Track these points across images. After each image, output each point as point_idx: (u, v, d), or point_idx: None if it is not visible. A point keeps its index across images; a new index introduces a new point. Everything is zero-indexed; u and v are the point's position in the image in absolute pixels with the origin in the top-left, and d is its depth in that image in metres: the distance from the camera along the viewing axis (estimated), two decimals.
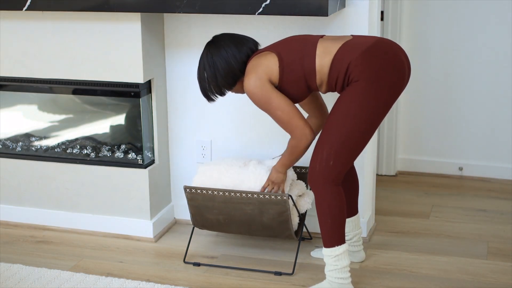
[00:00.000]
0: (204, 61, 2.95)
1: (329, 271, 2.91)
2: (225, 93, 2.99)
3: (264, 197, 3.05)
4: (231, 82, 2.95)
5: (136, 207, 3.55)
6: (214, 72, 2.92)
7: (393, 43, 2.88)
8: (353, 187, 3.11)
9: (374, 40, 2.83)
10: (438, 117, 4.31)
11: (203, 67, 2.95)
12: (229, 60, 2.91)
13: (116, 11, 3.24)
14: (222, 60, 2.91)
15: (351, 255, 3.19)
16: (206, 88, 2.97)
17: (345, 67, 2.76)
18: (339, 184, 2.84)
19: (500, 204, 3.91)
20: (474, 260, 3.27)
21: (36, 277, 3.15)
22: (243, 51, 2.94)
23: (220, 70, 2.91)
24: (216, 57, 2.91)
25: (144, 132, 3.51)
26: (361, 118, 2.77)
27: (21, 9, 3.34)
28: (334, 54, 2.79)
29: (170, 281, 3.12)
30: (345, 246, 2.89)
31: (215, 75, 2.92)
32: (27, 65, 3.53)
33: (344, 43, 2.81)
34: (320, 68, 2.81)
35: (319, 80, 2.84)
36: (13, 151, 3.71)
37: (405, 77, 2.85)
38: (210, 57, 2.92)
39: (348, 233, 3.15)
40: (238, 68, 2.92)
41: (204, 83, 2.97)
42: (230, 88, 2.97)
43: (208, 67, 2.93)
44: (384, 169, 4.38)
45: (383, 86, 2.77)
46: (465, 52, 4.18)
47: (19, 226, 3.73)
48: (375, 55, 2.78)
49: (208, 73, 2.93)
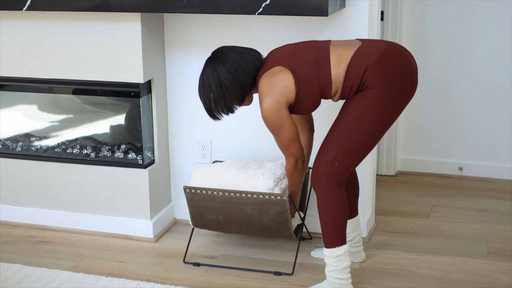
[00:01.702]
0: (209, 78, 2.78)
1: (329, 271, 2.91)
2: (234, 111, 2.86)
3: (264, 197, 3.05)
4: (240, 98, 2.82)
5: (136, 207, 3.55)
6: (221, 90, 2.77)
7: (403, 47, 2.87)
8: (353, 188, 3.11)
9: (385, 46, 2.79)
10: (438, 117, 4.31)
11: (208, 85, 2.78)
12: (237, 75, 2.77)
13: (116, 11, 3.24)
14: (229, 75, 2.76)
15: (352, 255, 3.19)
16: (212, 107, 2.82)
17: (361, 75, 2.73)
18: (342, 185, 2.84)
19: (500, 204, 3.91)
20: (474, 260, 3.27)
21: (36, 277, 3.15)
22: (251, 64, 2.80)
23: (228, 86, 2.77)
24: (222, 72, 2.76)
25: (144, 132, 3.51)
26: (372, 124, 2.76)
27: (21, 9, 3.34)
28: (348, 63, 2.75)
29: (170, 281, 3.12)
30: (346, 247, 2.88)
31: (222, 93, 2.78)
32: (27, 65, 3.53)
33: (357, 50, 2.77)
34: (335, 79, 2.76)
35: (334, 90, 2.80)
36: (13, 151, 3.71)
37: (416, 82, 2.86)
38: (215, 73, 2.76)
39: (349, 234, 3.15)
40: (247, 82, 2.80)
41: (210, 102, 2.81)
42: (239, 104, 2.85)
43: (214, 85, 2.77)
44: (384, 169, 4.38)
45: (396, 93, 2.77)
46: (465, 52, 4.18)
47: (19, 226, 3.73)
48: (390, 61, 2.76)
49: (214, 91, 2.78)
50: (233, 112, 2.88)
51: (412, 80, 2.83)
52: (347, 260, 2.89)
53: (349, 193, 3.06)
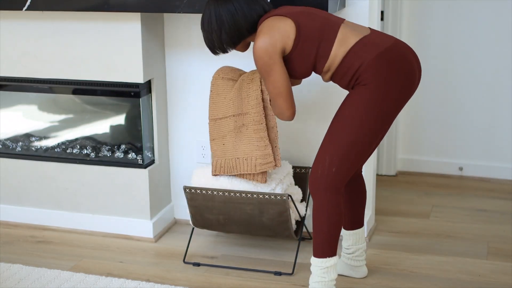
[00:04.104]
0: (211, 12, 2.76)
1: (314, 282, 2.80)
2: (227, 51, 2.84)
3: (264, 197, 3.05)
4: (236, 41, 2.79)
5: (136, 207, 3.55)
6: (220, 27, 2.74)
7: (408, 48, 2.77)
8: (360, 198, 3.01)
9: (390, 43, 2.71)
10: (438, 117, 4.31)
11: (209, 18, 2.77)
12: (236, 17, 2.74)
13: (116, 11, 3.24)
14: (229, 15, 2.73)
15: (353, 269, 3.08)
16: (211, 40, 2.80)
17: (357, 66, 2.65)
18: (340, 192, 2.73)
19: (500, 204, 3.91)
20: (474, 260, 3.27)
21: (36, 277, 3.15)
22: (255, 10, 2.76)
23: (226, 26, 2.74)
24: (223, 11, 2.73)
25: (144, 132, 3.51)
26: (367, 126, 2.67)
27: (21, 9, 3.35)
28: (350, 48, 2.67)
29: (170, 281, 3.12)
30: (336, 259, 2.77)
31: (220, 30, 2.75)
32: (27, 65, 3.53)
33: (361, 38, 2.69)
34: (333, 57, 2.69)
35: (327, 67, 2.72)
36: (13, 151, 3.71)
37: (414, 85, 2.76)
38: (217, 10, 2.74)
39: (351, 247, 3.05)
40: (246, 27, 2.76)
41: (209, 35, 2.79)
42: (233, 47, 2.82)
43: (215, 19, 2.74)
44: (384, 169, 4.38)
45: (392, 93, 2.67)
46: (465, 52, 4.18)
47: (19, 226, 3.73)
48: (389, 60, 2.67)
49: (213, 25, 2.75)
50: (226, 52, 2.85)
51: (409, 81, 2.73)
52: (334, 273, 2.78)
53: (355, 202, 2.99)
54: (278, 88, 2.73)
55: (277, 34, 2.67)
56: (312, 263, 2.80)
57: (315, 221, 2.76)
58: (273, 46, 2.67)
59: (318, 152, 2.75)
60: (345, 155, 2.69)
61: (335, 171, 2.69)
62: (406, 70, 2.71)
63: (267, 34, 2.67)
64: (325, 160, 2.70)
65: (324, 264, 2.77)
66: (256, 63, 2.71)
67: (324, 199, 2.72)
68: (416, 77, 2.77)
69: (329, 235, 2.74)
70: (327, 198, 2.71)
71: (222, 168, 3.12)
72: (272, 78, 2.71)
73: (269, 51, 2.67)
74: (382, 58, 2.66)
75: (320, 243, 2.76)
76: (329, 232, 2.74)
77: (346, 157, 2.69)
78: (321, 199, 2.72)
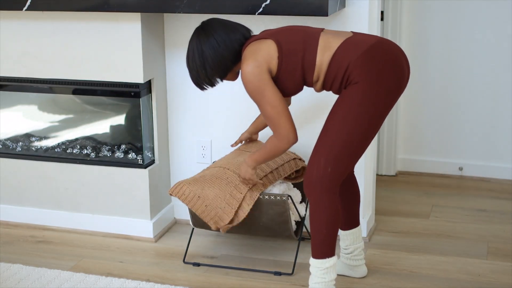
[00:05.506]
0: (194, 49, 2.77)
1: (314, 283, 2.80)
2: (215, 84, 2.84)
3: (263, 197, 3.05)
4: (221, 74, 2.80)
5: (136, 207, 3.55)
6: (203, 62, 2.75)
7: (394, 44, 2.79)
8: (354, 197, 3.01)
9: (375, 41, 2.73)
10: (438, 117, 4.31)
11: (192, 56, 2.78)
12: (219, 50, 2.75)
13: (116, 11, 3.24)
14: (212, 50, 2.73)
15: (352, 269, 3.08)
16: (196, 77, 2.82)
17: (345, 66, 2.66)
18: (336, 192, 2.73)
19: (500, 204, 3.91)
20: (474, 260, 3.27)
21: (36, 277, 3.15)
22: (235, 39, 2.76)
23: (209, 60, 2.75)
24: (205, 46, 2.73)
25: (144, 132, 3.51)
26: (360, 123, 2.66)
27: (21, 9, 3.35)
28: (335, 51, 2.69)
29: (170, 281, 3.12)
30: (335, 259, 2.78)
31: (204, 66, 2.75)
32: (27, 65, 3.53)
33: (345, 40, 2.71)
34: (319, 64, 2.70)
35: (316, 76, 2.73)
36: (13, 151, 3.71)
37: (404, 80, 2.76)
38: (199, 46, 2.74)
39: (349, 247, 3.05)
40: (229, 58, 2.77)
41: (194, 72, 2.80)
42: (221, 79, 2.83)
43: (198, 56, 2.75)
44: (384, 169, 4.38)
45: (382, 89, 2.67)
46: (465, 52, 4.18)
47: (19, 226, 3.73)
48: (376, 56, 2.68)
49: (197, 62, 2.76)
50: (214, 86, 2.84)
51: (399, 76, 2.72)
52: (333, 273, 2.79)
53: (349, 202, 2.99)
54: (276, 107, 2.71)
55: (260, 56, 2.70)
56: (311, 264, 2.81)
57: (313, 222, 2.76)
58: (259, 67, 2.69)
59: (312, 154, 2.75)
60: (340, 154, 2.69)
61: (330, 171, 2.69)
62: (394, 63, 2.72)
63: (251, 58, 2.70)
64: (319, 160, 2.70)
65: (323, 265, 2.77)
66: (247, 89, 2.72)
67: (321, 199, 2.72)
68: (405, 71, 2.76)
69: (327, 235, 2.75)
70: (324, 198, 2.71)
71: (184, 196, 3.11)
72: (266, 98, 2.70)
73: (255, 73, 2.69)
74: (369, 54, 2.67)
75: (319, 244, 2.77)
76: (327, 232, 2.74)
77: (341, 155, 2.69)
78: (318, 200, 2.72)
